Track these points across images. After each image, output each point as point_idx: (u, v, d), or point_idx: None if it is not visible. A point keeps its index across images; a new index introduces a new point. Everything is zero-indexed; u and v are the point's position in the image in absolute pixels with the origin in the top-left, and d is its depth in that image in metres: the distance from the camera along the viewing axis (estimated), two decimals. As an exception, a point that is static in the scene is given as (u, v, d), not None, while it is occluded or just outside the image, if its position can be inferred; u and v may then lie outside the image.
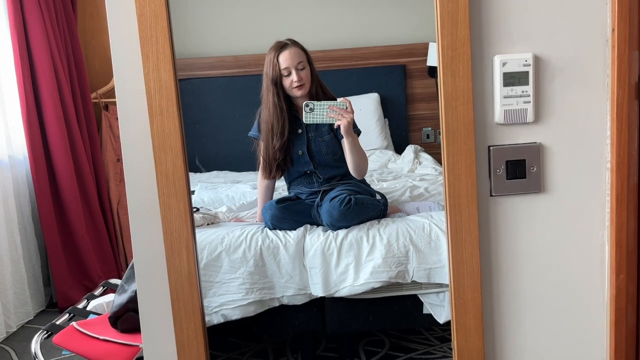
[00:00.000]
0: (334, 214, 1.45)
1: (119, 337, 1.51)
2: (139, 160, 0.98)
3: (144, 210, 0.99)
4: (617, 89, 0.96)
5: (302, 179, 1.55)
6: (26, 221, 2.78)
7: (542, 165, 1.01)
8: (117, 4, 0.95)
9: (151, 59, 0.92)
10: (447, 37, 0.93)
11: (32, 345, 1.53)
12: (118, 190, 3.05)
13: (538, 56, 0.98)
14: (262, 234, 1.44)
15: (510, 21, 0.97)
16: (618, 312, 1.02)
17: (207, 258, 1.39)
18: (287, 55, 1.45)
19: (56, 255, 2.79)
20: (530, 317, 1.05)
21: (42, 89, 2.73)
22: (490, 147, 1.00)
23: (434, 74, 1.67)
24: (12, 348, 2.49)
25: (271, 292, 1.42)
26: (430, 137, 1.70)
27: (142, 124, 0.96)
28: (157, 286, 1.01)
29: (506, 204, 1.01)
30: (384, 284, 1.43)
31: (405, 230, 1.44)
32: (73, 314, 1.70)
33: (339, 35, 1.65)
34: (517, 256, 1.03)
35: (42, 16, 2.69)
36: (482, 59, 0.97)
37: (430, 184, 1.63)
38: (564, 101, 0.99)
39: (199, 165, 1.56)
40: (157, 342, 1.04)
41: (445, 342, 1.52)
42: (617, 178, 0.99)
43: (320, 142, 1.52)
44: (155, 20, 0.91)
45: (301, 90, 1.46)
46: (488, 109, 0.99)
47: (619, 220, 0.99)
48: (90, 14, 3.14)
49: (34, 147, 2.72)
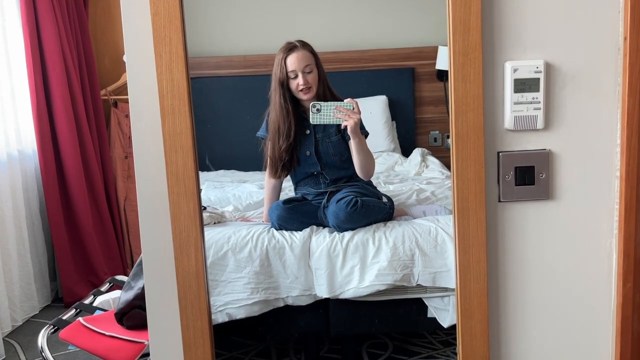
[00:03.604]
0: (340, 215, 1.46)
1: (124, 334, 1.52)
2: (149, 159, 0.99)
3: (153, 209, 1.00)
4: (628, 97, 0.96)
5: (309, 180, 1.55)
6: (34, 216, 2.80)
7: (551, 172, 1.00)
8: (132, 2, 0.95)
9: (164, 58, 0.93)
10: (459, 42, 0.93)
11: (38, 340, 1.54)
12: (125, 187, 3.06)
13: (549, 63, 0.98)
14: (268, 234, 1.45)
15: (522, 28, 0.97)
16: (624, 321, 1.02)
17: (213, 257, 1.40)
18: (294, 58, 1.45)
19: (63, 250, 2.81)
20: (536, 324, 1.05)
21: (53, 84, 2.75)
22: (500, 153, 1.00)
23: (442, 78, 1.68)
24: (17, 342, 2.51)
25: (276, 292, 1.43)
26: (437, 141, 1.70)
27: (154, 122, 0.97)
28: (165, 284, 1.02)
29: (514, 210, 1.01)
30: (389, 286, 1.43)
31: (412, 233, 1.44)
32: (79, 309, 1.71)
33: (348, 37, 1.66)
34: (524, 262, 1.03)
35: (54, 12, 2.71)
36: (493, 65, 0.97)
37: (437, 188, 1.63)
38: (575, 108, 0.99)
39: (208, 165, 1.57)
40: (164, 340, 1.04)
41: (449, 346, 1.52)
42: (626, 187, 0.98)
43: (328, 143, 1.52)
44: (170, 20, 0.92)
45: (308, 94, 1.46)
46: (498, 115, 0.99)
47: (627, 229, 0.99)
48: (101, 10, 3.16)
49: (43, 142, 2.74)
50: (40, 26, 2.70)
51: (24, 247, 2.70)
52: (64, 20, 2.78)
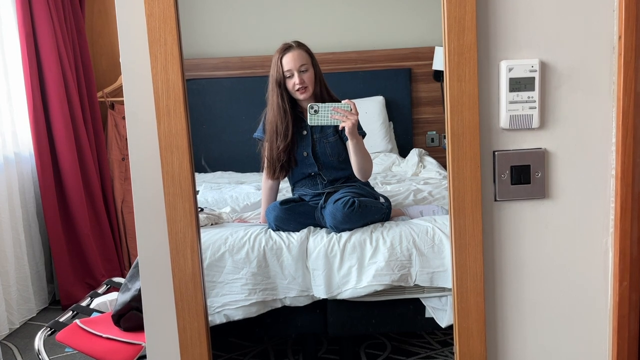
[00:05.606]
0: (337, 216, 1.46)
1: (121, 336, 1.52)
2: (145, 160, 0.99)
3: (149, 210, 1.00)
4: (623, 96, 0.97)
5: (307, 180, 1.55)
6: (31, 218, 2.80)
7: (547, 171, 1.01)
8: (127, 4, 0.95)
9: (159, 59, 0.93)
10: (454, 42, 0.93)
11: (35, 342, 1.54)
12: (122, 189, 3.06)
13: (544, 62, 0.98)
14: (265, 235, 1.44)
15: (517, 27, 0.97)
16: (621, 319, 1.02)
17: (210, 258, 1.39)
18: (290, 57, 1.46)
19: (60, 252, 2.80)
20: (533, 323, 1.05)
21: (49, 86, 2.75)
22: (495, 152, 1.00)
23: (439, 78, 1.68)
24: (15, 345, 2.50)
25: (274, 293, 1.42)
26: (434, 141, 1.70)
27: (150, 124, 0.97)
28: (162, 285, 1.02)
29: (510, 209, 1.01)
30: (387, 287, 1.43)
31: (409, 233, 1.44)
32: (76, 311, 1.71)
33: (345, 38, 1.66)
34: (520, 261, 1.03)
35: (50, 14, 2.71)
36: (488, 64, 0.97)
37: (434, 188, 1.63)
38: (570, 107, 0.99)
39: (204, 166, 1.57)
40: (161, 341, 1.04)
41: (447, 346, 1.52)
42: (621, 185, 0.99)
43: (325, 143, 1.52)
44: (164, 21, 0.92)
45: (304, 94, 1.46)
46: (494, 114, 0.99)
47: (623, 228, 0.99)
48: (98, 12, 3.16)
49: (39, 145, 2.73)
50: (37, 28, 2.70)
51: (20, 249, 2.69)
52: (60, 23, 2.77)
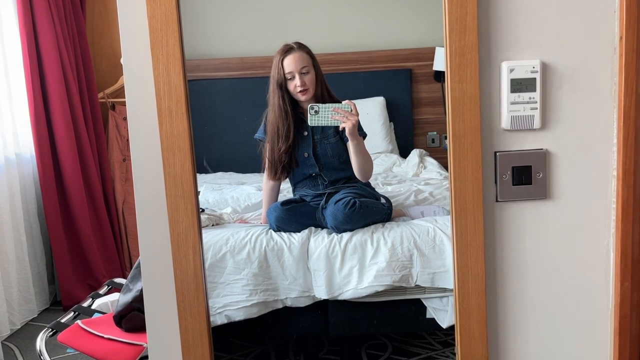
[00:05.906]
0: (338, 216, 1.46)
1: (123, 336, 1.52)
2: (147, 161, 0.99)
3: (151, 211, 1.00)
4: (624, 97, 0.97)
5: (308, 181, 1.55)
6: (32, 219, 2.80)
7: (548, 171, 1.01)
8: (129, 5, 0.96)
9: (161, 61, 0.93)
10: (456, 42, 0.93)
11: (37, 343, 1.54)
12: (124, 190, 3.06)
13: (545, 63, 0.98)
14: (266, 236, 1.45)
15: (518, 28, 0.97)
16: (622, 320, 1.02)
17: (211, 259, 1.39)
18: (291, 59, 1.46)
19: (61, 253, 2.80)
20: (535, 323, 1.05)
21: (50, 87, 2.75)
22: (497, 152, 1.00)
23: (440, 79, 1.68)
24: (16, 345, 2.50)
25: (275, 294, 1.43)
26: (435, 142, 1.70)
27: (151, 125, 0.97)
28: (163, 286, 1.02)
29: (512, 210, 1.01)
30: (388, 287, 1.43)
31: (410, 234, 1.44)
32: (78, 312, 1.71)
33: (346, 39, 1.66)
34: (522, 262, 1.03)
35: (51, 15, 2.71)
36: (489, 65, 0.97)
37: (435, 189, 1.63)
38: (571, 108, 0.99)
39: (206, 167, 1.57)
40: (162, 342, 1.04)
41: (448, 346, 1.52)
42: (623, 186, 0.99)
43: (326, 144, 1.52)
44: (166, 22, 0.92)
45: (305, 95, 1.46)
46: (495, 115, 0.99)
47: (624, 228, 0.99)
48: (99, 13, 3.16)
49: (41, 146, 2.73)
50: (38, 30, 2.70)
51: (22, 250, 2.69)
52: (61, 24, 2.78)
